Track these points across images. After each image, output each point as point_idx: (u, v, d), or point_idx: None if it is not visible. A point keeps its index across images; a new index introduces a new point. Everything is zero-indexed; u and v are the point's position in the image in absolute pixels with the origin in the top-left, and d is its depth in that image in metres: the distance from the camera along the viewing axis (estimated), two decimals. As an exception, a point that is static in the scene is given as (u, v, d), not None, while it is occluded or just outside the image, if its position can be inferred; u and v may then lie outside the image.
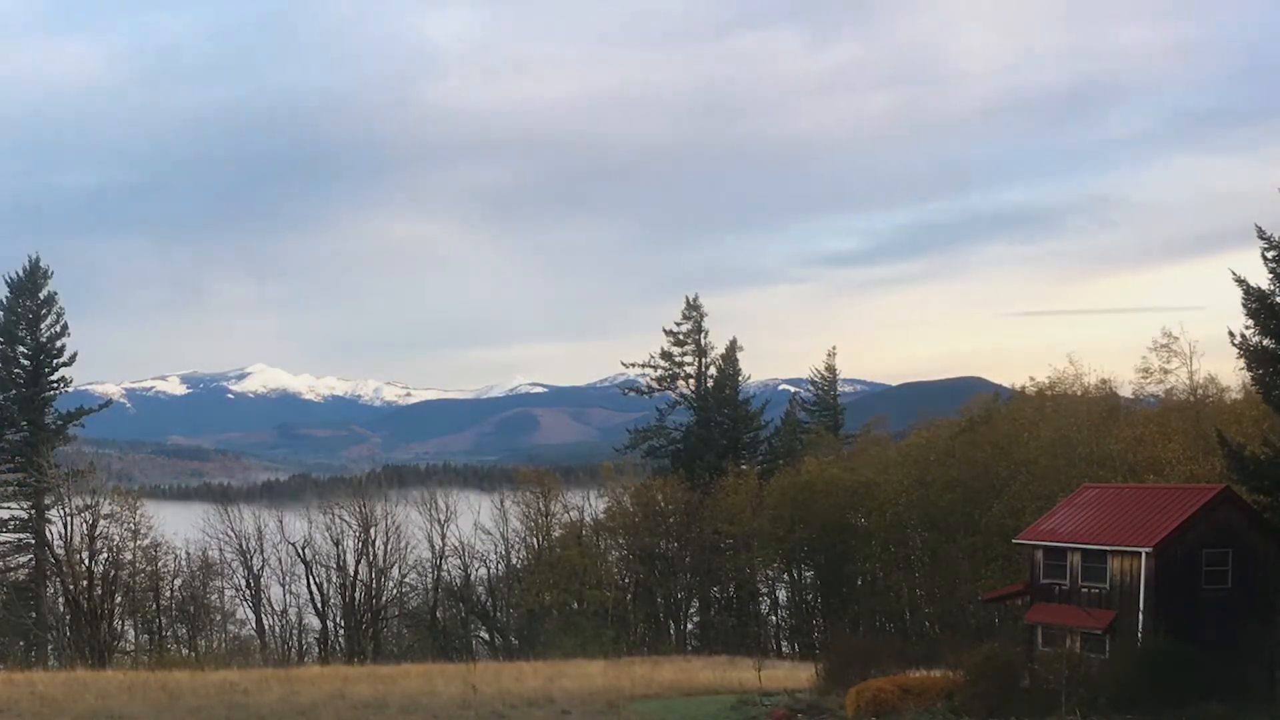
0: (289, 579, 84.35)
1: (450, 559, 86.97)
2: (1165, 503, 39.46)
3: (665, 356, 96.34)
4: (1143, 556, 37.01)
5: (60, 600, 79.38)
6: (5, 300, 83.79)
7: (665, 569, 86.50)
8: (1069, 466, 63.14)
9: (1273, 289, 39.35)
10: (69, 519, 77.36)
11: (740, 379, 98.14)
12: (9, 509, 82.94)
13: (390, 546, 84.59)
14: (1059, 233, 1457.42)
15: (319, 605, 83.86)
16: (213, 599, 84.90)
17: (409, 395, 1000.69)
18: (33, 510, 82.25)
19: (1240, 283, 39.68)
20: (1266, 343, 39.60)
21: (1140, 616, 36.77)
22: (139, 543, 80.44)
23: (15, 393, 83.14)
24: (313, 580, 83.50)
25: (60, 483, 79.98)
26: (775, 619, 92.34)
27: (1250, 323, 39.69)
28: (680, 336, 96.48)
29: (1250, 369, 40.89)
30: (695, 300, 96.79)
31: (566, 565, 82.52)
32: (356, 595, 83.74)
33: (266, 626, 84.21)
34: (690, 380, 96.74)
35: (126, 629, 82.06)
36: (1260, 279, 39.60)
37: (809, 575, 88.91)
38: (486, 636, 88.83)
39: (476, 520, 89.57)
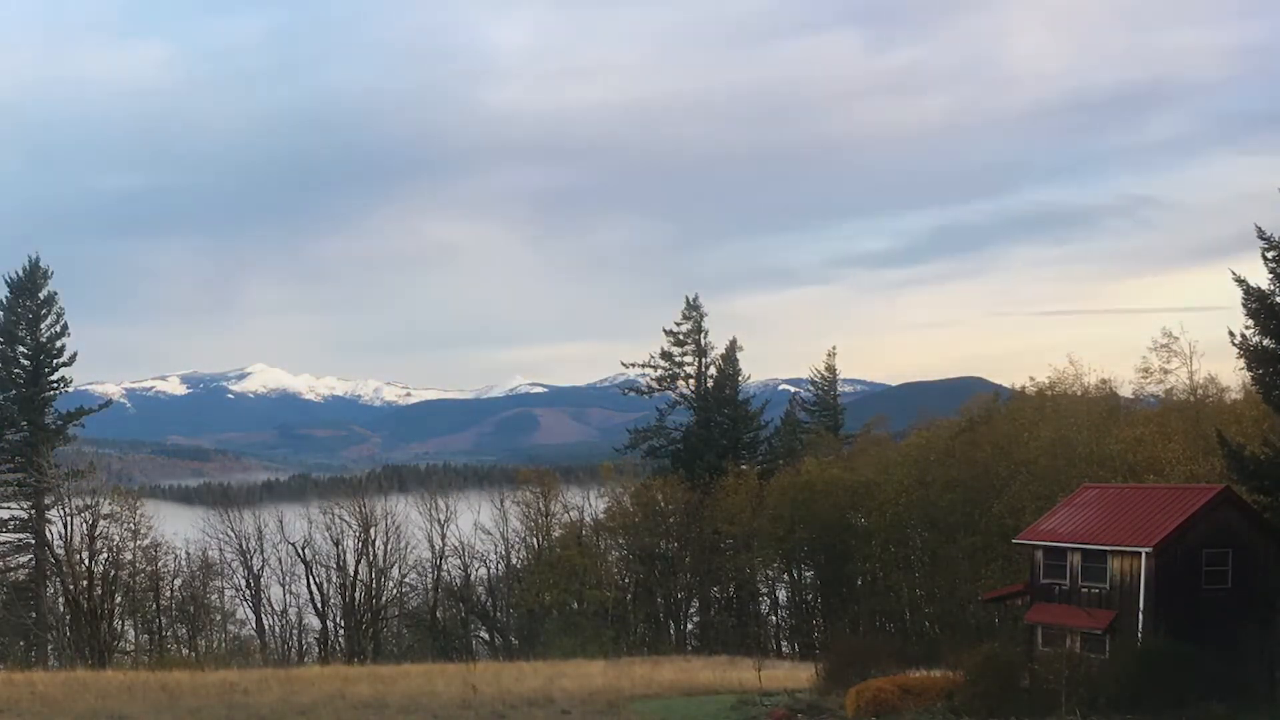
0: (289, 579, 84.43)
1: (450, 559, 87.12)
2: (1165, 503, 39.47)
3: (665, 356, 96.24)
4: (1143, 556, 37.02)
5: (60, 600, 79.39)
6: (5, 300, 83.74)
7: (665, 569, 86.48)
8: (1069, 466, 63.13)
9: (1273, 289, 39.36)
10: (69, 519, 77.43)
11: (740, 379, 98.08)
12: (9, 509, 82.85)
13: (390, 546, 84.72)
14: (1094, 233, 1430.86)
15: (319, 605, 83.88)
16: (213, 599, 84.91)
17: (409, 395, 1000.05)
18: (33, 510, 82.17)
19: (1240, 283, 39.70)
20: (1266, 343, 39.60)
21: (1140, 616, 36.78)
22: (139, 543, 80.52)
23: (15, 393, 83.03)
24: (313, 580, 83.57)
25: (60, 483, 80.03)
26: (775, 619, 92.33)
27: (1250, 323, 39.72)
28: (680, 336, 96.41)
29: (1250, 369, 40.90)
30: (695, 300, 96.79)
31: (566, 565, 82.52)
32: (356, 595, 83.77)
33: (266, 626, 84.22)
34: (690, 380, 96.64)
35: (126, 629, 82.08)
36: (1260, 279, 39.69)
37: (809, 575, 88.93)
38: (486, 636, 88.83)
39: (476, 520, 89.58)
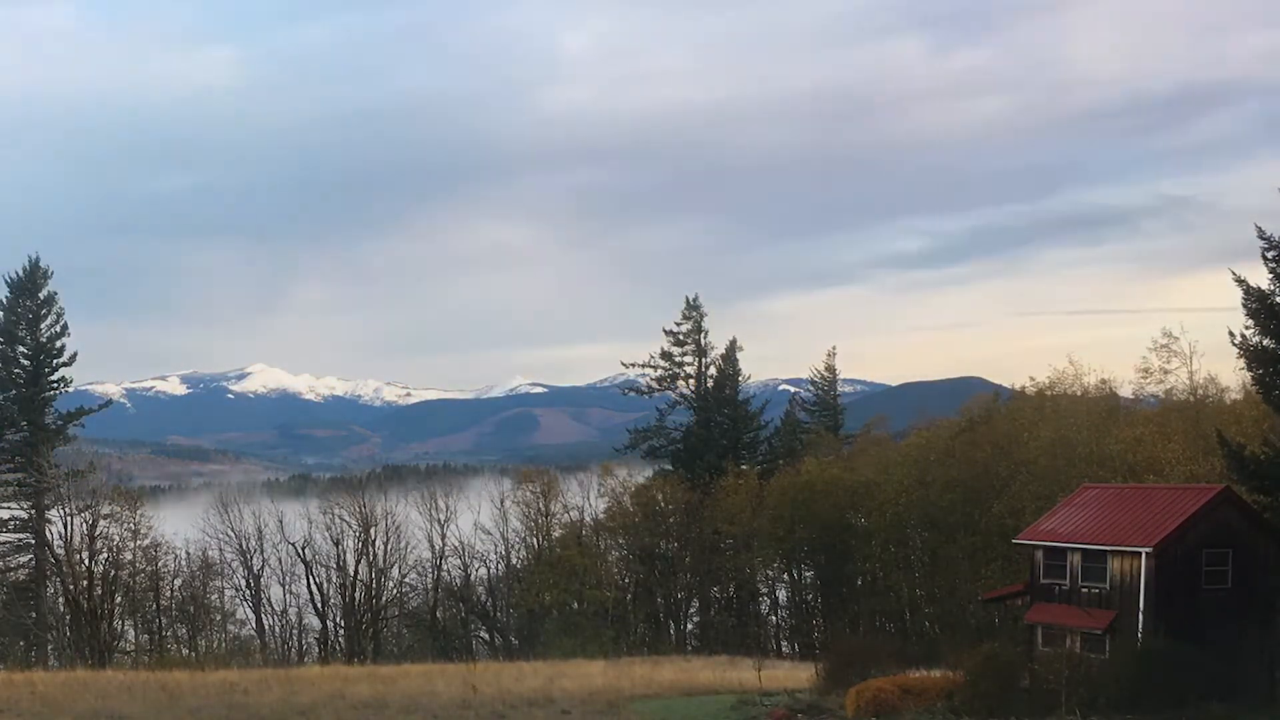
0: (289, 579, 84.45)
1: (450, 559, 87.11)
2: (1165, 503, 39.46)
3: (665, 356, 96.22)
4: (1143, 556, 37.02)
5: (60, 600, 79.47)
6: (5, 300, 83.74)
7: (665, 569, 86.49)
8: (1069, 466, 63.14)
9: (1273, 289, 39.34)
10: (69, 519, 77.51)
11: (740, 379, 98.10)
12: (9, 509, 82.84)
13: (390, 546, 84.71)
14: (1130, 235, 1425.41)
15: (319, 605, 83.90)
16: (213, 599, 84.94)
17: (409, 395, 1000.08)
18: (33, 510, 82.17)
19: (1240, 283, 39.68)
20: (1266, 343, 39.59)
21: (1140, 616, 36.78)
22: (139, 543, 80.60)
23: (15, 393, 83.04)
24: (313, 580, 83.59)
25: (60, 483, 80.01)
26: (775, 619, 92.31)
27: (1250, 323, 39.70)
28: (680, 336, 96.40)
29: (1250, 369, 40.85)
30: (695, 300, 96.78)
31: (566, 565, 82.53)
32: (356, 595, 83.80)
33: (266, 626, 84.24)
34: (690, 380, 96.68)
35: (126, 629, 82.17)
36: (1261, 279, 39.68)
37: (809, 575, 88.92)
38: (486, 636, 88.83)
39: (476, 520, 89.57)
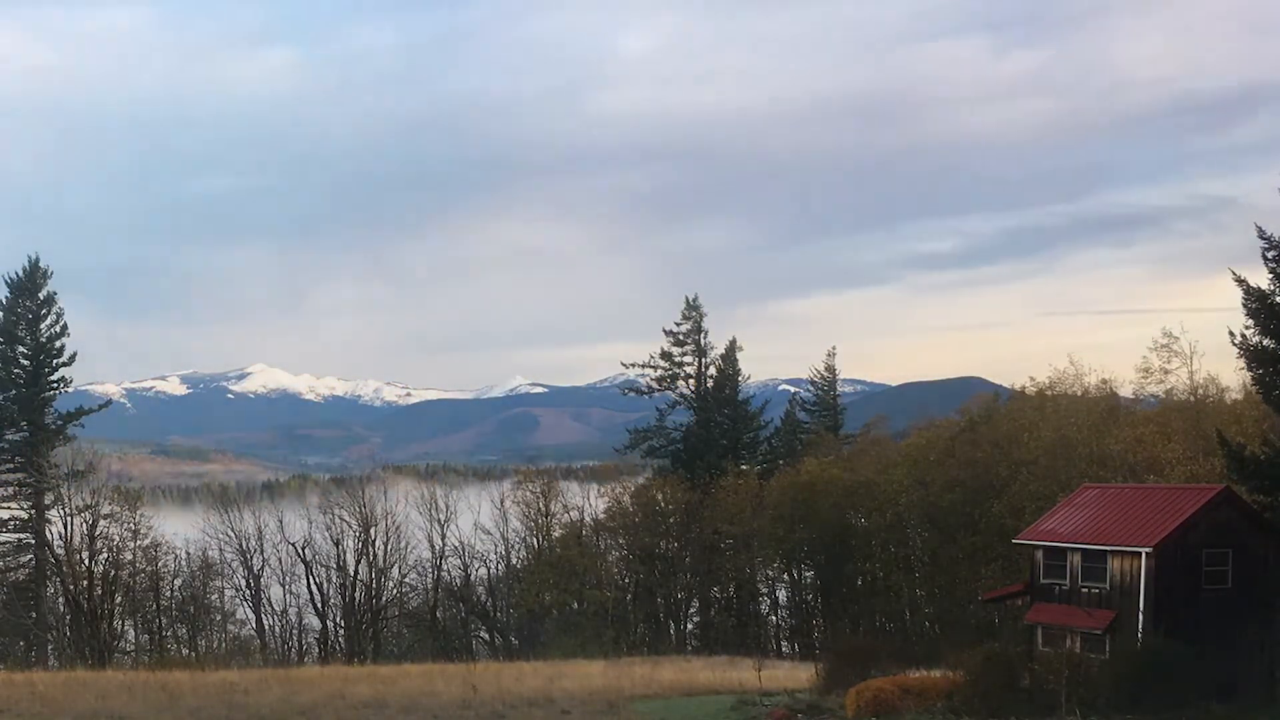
0: (289, 579, 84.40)
1: (450, 559, 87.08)
2: (1165, 503, 39.45)
3: (665, 356, 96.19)
4: (1143, 556, 37.01)
5: (60, 600, 79.45)
6: (5, 300, 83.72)
7: (665, 569, 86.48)
8: (1069, 466, 63.14)
9: (1273, 289, 39.33)
10: (69, 519, 77.48)
11: (740, 379, 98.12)
12: (9, 509, 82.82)
13: (390, 546, 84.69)
14: (1161, 235, 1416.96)
15: (319, 605, 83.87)
16: (213, 599, 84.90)
17: (409, 395, 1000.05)
18: (33, 510, 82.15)
19: (1240, 282, 39.67)
20: (1266, 343, 39.57)
21: (1140, 616, 36.78)
22: (139, 543, 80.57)
23: (15, 393, 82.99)
24: (313, 580, 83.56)
25: (60, 483, 79.98)
26: (775, 619, 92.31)
27: (1250, 323, 39.69)
28: (680, 336, 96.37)
29: (1250, 369, 40.85)
30: (695, 300, 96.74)
31: (566, 565, 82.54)
32: (356, 595, 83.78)
33: (266, 626, 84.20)
34: (690, 380, 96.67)
35: (126, 629, 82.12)
36: (1261, 279, 39.67)
37: (809, 575, 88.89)
38: (486, 636, 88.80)
39: (476, 520, 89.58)
